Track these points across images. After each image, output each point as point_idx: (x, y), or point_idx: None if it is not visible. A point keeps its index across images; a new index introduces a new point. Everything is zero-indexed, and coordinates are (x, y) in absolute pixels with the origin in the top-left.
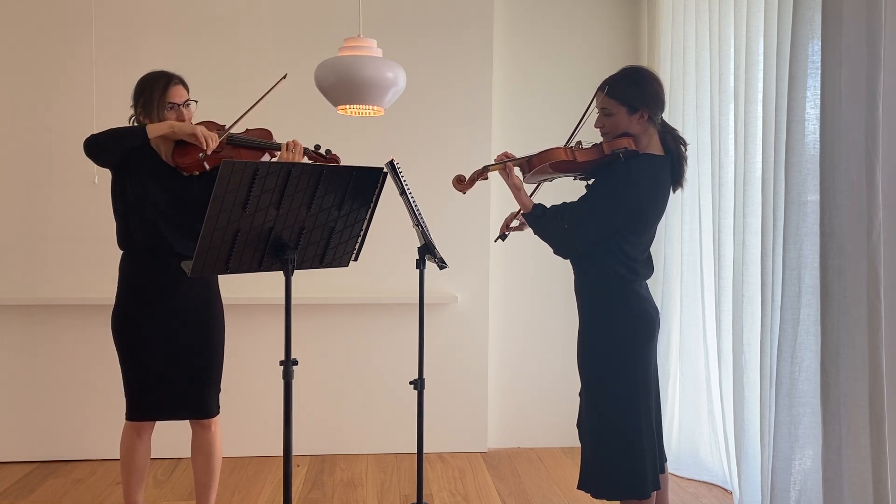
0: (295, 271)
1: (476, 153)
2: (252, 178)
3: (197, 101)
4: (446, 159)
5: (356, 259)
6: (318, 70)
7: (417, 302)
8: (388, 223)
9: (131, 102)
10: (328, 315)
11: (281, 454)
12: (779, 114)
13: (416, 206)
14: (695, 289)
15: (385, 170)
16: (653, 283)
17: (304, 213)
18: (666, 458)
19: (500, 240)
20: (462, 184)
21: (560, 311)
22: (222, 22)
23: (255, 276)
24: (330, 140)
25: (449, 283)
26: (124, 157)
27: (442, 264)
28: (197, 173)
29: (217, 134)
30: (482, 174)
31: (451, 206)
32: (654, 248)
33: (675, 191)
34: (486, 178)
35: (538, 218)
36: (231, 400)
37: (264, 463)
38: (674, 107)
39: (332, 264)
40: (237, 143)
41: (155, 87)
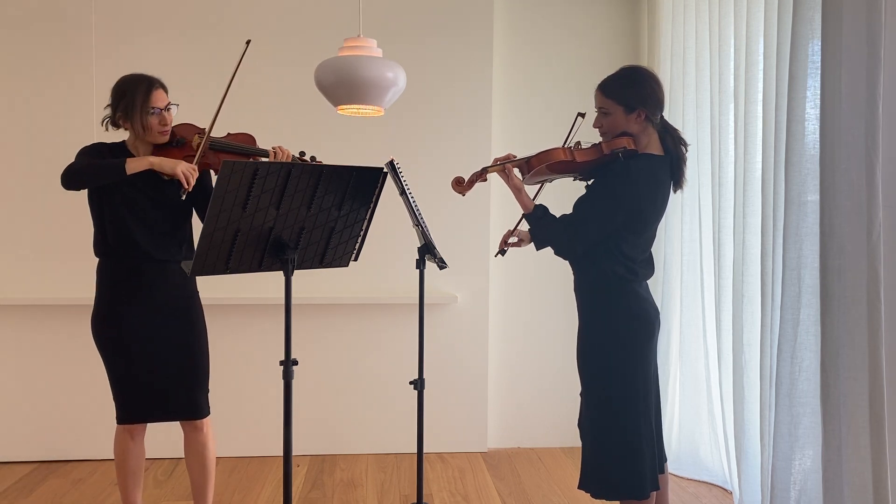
0: (295, 271)
1: (476, 153)
2: (252, 178)
3: (178, 105)
4: (446, 159)
5: (356, 259)
6: (318, 70)
7: (417, 302)
8: (388, 223)
9: (108, 103)
10: (328, 315)
11: (281, 454)
12: (779, 114)
13: (416, 206)
14: (695, 289)
15: (385, 170)
16: (653, 283)
17: (304, 213)
18: (666, 458)
19: (500, 255)
20: (461, 186)
21: (560, 311)
22: (222, 22)
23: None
24: (330, 140)
25: (449, 283)
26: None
27: (442, 264)
28: None
29: (198, 141)
30: (481, 176)
31: (451, 207)
32: (654, 248)
33: (674, 191)
34: (486, 180)
35: (539, 219)
36: (231, 400)
37: (264, 463)
38: (674, 107)
39: (332, 264)
40: (220, 148)
41: (137, 92)
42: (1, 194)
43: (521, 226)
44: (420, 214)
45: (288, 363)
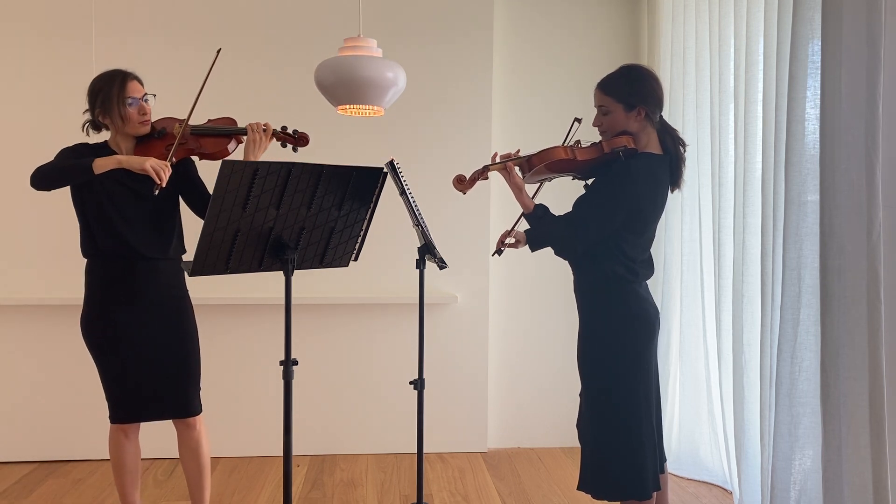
0: (295, 271)
1: (476, 153)
2: (252, 178)
3: (155, 95)
4: (446, 159)
5: (356, 259)
6: (318, 70)
7: (417, 302)
8: (388, 223)
9: (85, 107)
10: (328, 315)
11: (281, 454)
12: (779, 114)
13: (416, 206)
14: (695, 289)
15: (385, 170)
16: (653, 283)
17: (304, 213)
18: (666, 459)
19: (497, 255)
20: (462, 184)
21: (560, 311)
22: (223, 23)
23: (254, 275)
24: (330, 140)
25: (449, 283)
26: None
27: (442, 264)
28: None
29: (178, 129)
30: (482, 174)
31: (451, 206)
32: (654, 248)
33: (672, 191)
34: (487, 178)
35: (539, 218)
36: (231, 400)
37: (264, 463)
38: (674, 107)
39: (332, 264)
40: (200, 132)
41: (112, 85)
42: (0, 194)
43: (518, 226)
44: (420, 214)
45: (288, 363)
